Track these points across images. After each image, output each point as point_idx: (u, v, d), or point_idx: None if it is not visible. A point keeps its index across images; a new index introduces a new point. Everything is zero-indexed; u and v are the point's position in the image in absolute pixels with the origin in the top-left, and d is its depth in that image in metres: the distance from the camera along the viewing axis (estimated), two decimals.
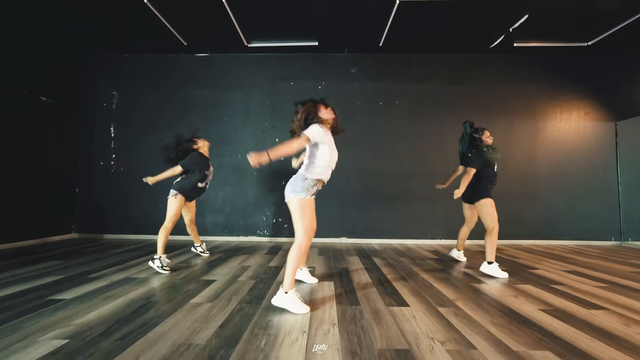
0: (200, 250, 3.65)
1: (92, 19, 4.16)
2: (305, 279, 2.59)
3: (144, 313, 1.86)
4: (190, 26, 4.35)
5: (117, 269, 2.91)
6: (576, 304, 2.08)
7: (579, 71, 5.05)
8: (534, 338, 1.57)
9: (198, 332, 1.62)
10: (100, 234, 5.03)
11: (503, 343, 1.52)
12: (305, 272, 2.60)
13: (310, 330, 1.64)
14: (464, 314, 1.89)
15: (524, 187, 4.97)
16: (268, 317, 1.82)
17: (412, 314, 1.90)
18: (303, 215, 2.01)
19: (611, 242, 4.91)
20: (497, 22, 4.18)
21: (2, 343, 1.47)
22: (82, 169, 5.12)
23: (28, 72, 4.34)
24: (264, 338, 1.56)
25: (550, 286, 2.52)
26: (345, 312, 1.92)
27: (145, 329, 1.64)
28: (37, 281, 2.48)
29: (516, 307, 2.02)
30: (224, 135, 5.02)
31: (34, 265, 3.03)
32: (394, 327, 1.69)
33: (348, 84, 5.07)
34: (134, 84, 5.17)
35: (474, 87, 5.05)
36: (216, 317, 1.81)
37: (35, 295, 2.15)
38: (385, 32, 4.37)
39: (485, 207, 2.88)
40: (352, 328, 1.68)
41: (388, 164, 4.93)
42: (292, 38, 4.66)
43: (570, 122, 5.06)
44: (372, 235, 4.88)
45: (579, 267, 3.23)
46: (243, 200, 4.97)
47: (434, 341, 1.53)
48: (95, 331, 1.61)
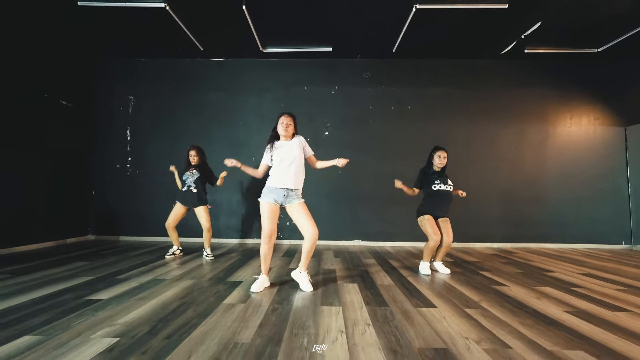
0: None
1: (112, 26, 4.25)
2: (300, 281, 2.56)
3: (182, 313, 1.92)
4: (208, 32, 4.44)
5: (143, 271, 2.98)
6: (599, 306, 2.14)
7: (589, 77, 5.13)
8: (565, 338, 1.63)
9: (240, 331, 1.68)
10: (115, 235, 5.10)
11: (536, 343, 1.57)
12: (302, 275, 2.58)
13: (347, 330, 1.70)
14: (491, 315, 1.95)
15: (534, 190, 5.02)
16: (303, 318, 1.88)
17: (441, 314, 1.95)
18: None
19: (621, 245, 4.95)
20: (509, 29, 4.26)
21: (58, 341, 1.54)
22: (99, 172, 5.20)
23: (48, 77, 4.44)
24: (304, 337, 1.62)
25: (570, 289, 2.57)
26: (376, 312, 1.98)
27: (188, 329, 1.70)
28: (70, 282, 2.55)
29: (541, 309, 2.08)
30: (238, 139, 5.11)
31: (62, 266, 3.10)
32: (427, 328, 1.75)
33: (360, 89, 5.15)
34: (149, 88, 5.26)
35: (485, 92, 5.13)
36: (253, 318, 1.87)
37: (73, 295, 2.22)
38: (399, 39, 4.45)
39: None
40: (387, 328, 1.74)
41: (400, 167, 4.98)
42: (307, 44, 4.75)
43: (580, 127, 5.13)
44: (385, 238, 4.94)
45: (594, 270, 3.28)
46: (257, 203, 5.03)
47: (469, 340, 1.59)
48: (141, 330, 1.67)
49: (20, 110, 4.03)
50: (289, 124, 2.53)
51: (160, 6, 3.65)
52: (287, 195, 2.46)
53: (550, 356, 1.45)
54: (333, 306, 2.09)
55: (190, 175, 3.65)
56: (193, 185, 3.62)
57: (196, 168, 3.69)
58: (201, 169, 3.71)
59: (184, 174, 3.68)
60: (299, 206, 2.46)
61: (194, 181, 3.63)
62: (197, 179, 3.63)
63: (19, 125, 4.02)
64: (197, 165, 3.71)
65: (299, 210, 2.45)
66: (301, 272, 2.54)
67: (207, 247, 3.73)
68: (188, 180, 3.64)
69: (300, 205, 2.46)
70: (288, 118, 2.55)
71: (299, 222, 2.45)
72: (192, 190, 3.62)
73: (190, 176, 3.64)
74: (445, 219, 3.13)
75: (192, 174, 3.65)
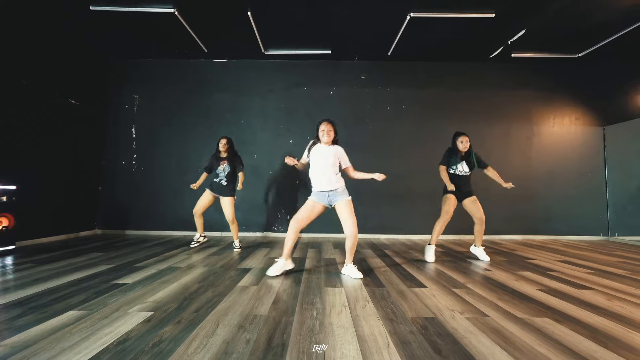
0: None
1: (120, 27, 4.44)
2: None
3: (203, 293, 2.17)
4: (212, 35, 4.65)
5: (158, 260, 3.21)
6: (568, 286, 2.45)
7: (571, 80, 5.46)
8: (534, 309, 1.93)
9: (257, 306, 1.94)
10: (122, 230, 5.30)
11: (510, 313, 1.86)
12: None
13: (350, 304, 1.98)
14: (475, 293, 2.24)
15: (520, 186, 5.34)
16: (310, 296, 2.14)
17: (432, 293, 2.24)
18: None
19: (599, 237, 5.32)
20: (497, 36, 4.55)
21: (101, 314, 1.78)
22: (105, 168, 5.38)
23: (59, 77, 4.60)
24: (314, 310, 1.88)
25: (546, 272, 2.89)
26: (374, 292, 2.26)
27: (212, 304, 1.95)
28: (94, 269, 2.78)
29: (518, 288, 2.38)
30: (242, 137, 5.33)
31: (80, 256, 3.31)
32: (418, 303, 2.03)
33: (358, 90, 5.41)
34: (154, 87, 5.45)
35: (475, 93, 5.43)
36: (266, 296, 2.13)
37: (101, 280, 2.45)
38: (395, 43, 4.71)
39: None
40: (384, 303, 2.02)
41: (396, 164, 5.27)
42: (307, 47, 4.98)
43: (562, 127, 5.47)
44: (381, 231, 5.23)
45: (571, 258, 3.61)
46: (260, 198, 5.28)
47: (454, 312, 1.88)
48: (171, 306, 1.92)
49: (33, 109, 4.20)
50: (329, 130, 2.70)
51: (169, 11, 3.85)
52: (329, 196, 2.67)
53: (520, 322, 1.74)
54: (336, 287, 2.36)
55: (222, 171, 3.83)
56: (224, 179, 3.83)
57: (227, 160, 3.87)
58: (231, 160, 3.89)
59: (216, 168, 3.85)
60: (342, 205, 2.65)
61: (226, 175, 3.83)
62: (228, 173, 3.83)
63: (33, 124, 4.19)
64: (227, 157, 3.89)
65: (341, 210, 2.65)
66: (347, 265, 2.74)
67: (235, 239, 3.96)
68: (220, 174, 3.84)
69: (344, 204, 2.65)
70: (327, 125, 2.71)
71: (342, 221, 2.66)
72: (223, 183, 3.83)
73: (222, 171, 3.83)
74: (472, 198, 3.44)
75: (224, 169, 3.83)
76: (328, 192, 2.68)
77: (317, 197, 2.71)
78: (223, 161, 3.88)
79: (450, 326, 1.67)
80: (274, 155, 5.32)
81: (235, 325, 1.66)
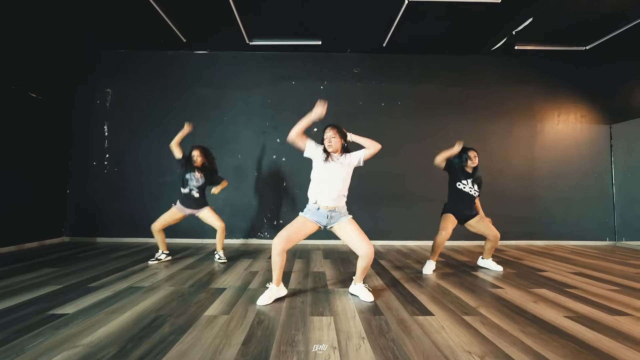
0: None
1: (88, 14, 3.95)
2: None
3: (157, 328, 1.74)
4: (190, 23, 4.19)
5: (119, 277, 2.76)
6: (597, 309, 2.08)
7: (577, 75, 5.14)
8: (572, 349, 1.54)
9: (222, 350, 1.52)
10: (93, 237, 4.81)
11: (543, 356, 1.48)
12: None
13: (341, 346, 1.56)
14: (491, 323, 1.85)
15: (522, 188, 5.02)
16: (291, 332, 1.73)
17: (439, 324, 1.84)
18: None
19: (606, 242, 5.02)
20: (501, 25, 4.18)
21: None
22: (74, 170, 4.88)
23: (16, 68, 4.09)
24: (293, 355, 1.47)
25: (564, 290, 2.52)
26: (371, 322, 1.86)
27: (163, 348, 1.52)
28: (34, 292, 2.31)
29: (540, 314, 2.00)
30: (225, 135, 4.88)
31: (29, 273, 2.84)
32: (425, 340, 1.64)
33: (350, 84, 5.00)
34: (129, 81, 4.96)
35: (475, 88, 5.07)
36: (236, 332, 1.71)
37: (34, 309, 1.99)
38: (390, 33, 4.32)
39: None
40: (383, 342, 1.62)
41: (390, 164, 4.88)
42: (295, 37, 4.55)
43: (567, 125, 5.15)
44: (375, 237, 4.83)
45: (583, 269, 3.26)
46: (244, 202, 4.84)
47: (472, 355, 1.48)
48: (108, 352, 1.48)
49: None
50: (333, 136, 2.28)
51: None
52: (330, 216, 2.25)
53: None
54: (324, 316, 1.95)
55: (194, 180, 3.35)
56: (196, 190, 3.36)
57: (202, 171, 3.40)
58: (207, 172, 3.42)
59: (188, 174, 3.36)
60: (346, 224, 2.25)
61: (198, 187, 3.36)
62: (202, 184, 3.37)
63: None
64: (203, 167, 3.41)
65: (346, 229, 2.24)
66: (356, 285, 2.35)
67: (219, 250, 3.45)
68: (191, 183, 3.34)
69: (348, 223, 2.25)
70: (332, 130, 2.30)
71: (351, 243, 2.23)
72: (194, 195, 3.36)
73: (195, 181, 3.35)
74: (477, 218, 3.11)
75: (198, 180, 3.36)
76: (331, 211, 2.24)
77: (314, 215, 2.25)
78: (200, 172, 3.40)
79: None
80: (258, 154, 4.88)
81: None
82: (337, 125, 2.35)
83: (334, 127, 2.33)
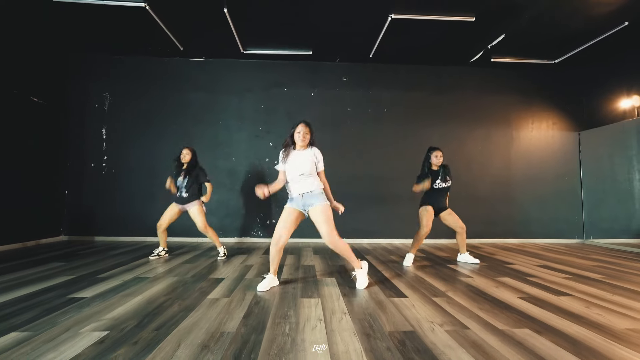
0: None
1: (88, 22, 4.18)
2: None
3: (168, 308, 2.01)
4: (188, 32, 4.46)
5: (124, 270, 3.00)
6: (547, 292, 2.42)
7: (548, 85, 5.58)
8: (515, 319, 1.87)
9: (225, 322, 1.79)
10: (90, 236, 5.00)
11: (490, 324, 1.80)
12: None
13: (325, 318, 1.86)
14: (455, 302, 2.17)
15: (500, 190, 5.41)
16: (284, 309, 2.02)
17: (411, 303, 2.16)
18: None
19: (575, 240, 5.44)
20: (477, 40, 4.58)
21: (47, 335, 1.59)
22: (72, 171, 5.07)
23: (19, 72, 4.29)
24: (286, 325, 1.76)
25: (525, 278, 2.87)
26: (353, 303, 2.16)
27: (176, 321, 1.79)
28: (49, 281, 2.55)
29: (498, 296, 2.33)
30: (218, 139, 5.14)
31: (38, 267, 3.05)
32: (397, 314, 1.94)
33: (339, 92, 5.33)
34: (126, 85, 5.19)
35: (455, 97, 5.46)
36: (237, 310, 1.99)
37: (56, 294, 2.23)
38: (376, 45, 4.66)
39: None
40: (362, 316, 1.92)
41: (376, 167, 5.22)
42: (287, 47, 4.86)
43: (540, 131, 5.57)
44: (362, 236, 5.15)
45: (549, 262, 3.63)
46: (237, 202, 5.10)
47: (433, 324, 1.79)
48: (129, 324, 1.75)
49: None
50: (306, 133, 2.51)
51: (140, 5, 3.64)
52: (304, 198, 2.46)
53: (500, 334, 1.67)
54: (312, 298, 2.24)
55: (180, 181, 3.60)
56: (184, 190, 3.59)
57: (185, 172, 3.61)
58: (189, 172, 3.63)
59: (176, 178, 3.62)
60: (317, 210, 2.42)
61: (185, 186, 3.59)
62: (187, 184, 3.59)
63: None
64: (187, 169, 3.62)
65: (315, 215, 2.43)
66: (355, 271, 2.61)
67: (218, 247, 3.72)
68: (179, 184, 3.61)
69: (319, 210, 2.41)
70: (305, 127, 2.51)
71: (319, 230, 2.43)
72: (183, 194, 3.59)
73: (182, 181, 3.59)
74: (448, 211, 3.51)
75: (183, 180, 3.59)
76: (303, 194, 2.48)
77: (292, 202, 2.52)
78: (183, 172, 3.64)
79: (429, 340, 1.59)
80: (252, 157, 5.16)
81: (199, 345, 1.51)
82: (310, 124, 2.59)
83: (307, 125, 2.57)
